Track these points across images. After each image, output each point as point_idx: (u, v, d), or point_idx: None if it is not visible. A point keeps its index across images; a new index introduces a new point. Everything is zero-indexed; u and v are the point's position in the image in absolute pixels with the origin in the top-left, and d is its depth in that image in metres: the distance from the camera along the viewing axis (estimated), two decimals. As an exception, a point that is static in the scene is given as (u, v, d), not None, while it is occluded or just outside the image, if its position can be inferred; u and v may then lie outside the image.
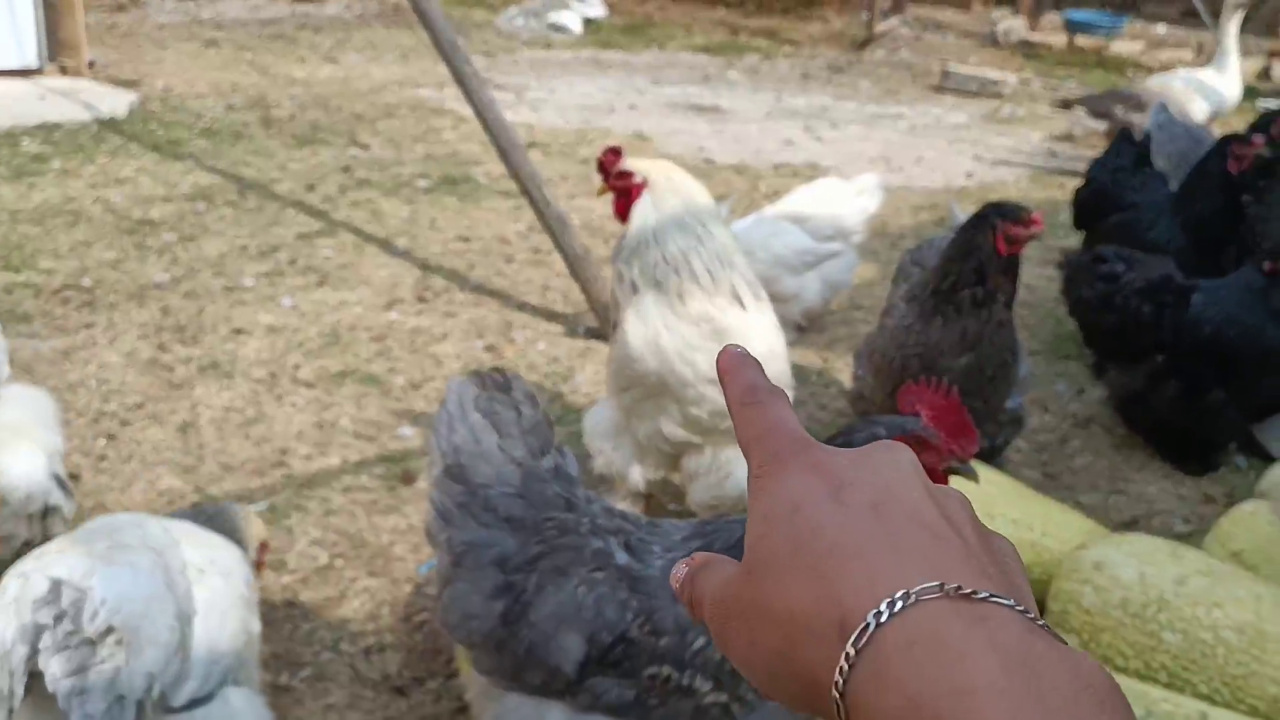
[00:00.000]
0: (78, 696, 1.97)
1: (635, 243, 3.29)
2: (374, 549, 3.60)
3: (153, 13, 12.31)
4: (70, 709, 1.97)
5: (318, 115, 8.74)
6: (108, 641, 2.03)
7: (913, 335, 3.68)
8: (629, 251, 3.31)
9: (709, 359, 3.20)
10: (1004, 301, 3.52)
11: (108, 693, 2.00)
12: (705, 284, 3.25)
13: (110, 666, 2.02)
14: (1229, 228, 4.95)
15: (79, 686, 1.98)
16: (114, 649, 2.03)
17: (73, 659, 1.99)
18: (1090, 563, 3.04)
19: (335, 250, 6.04)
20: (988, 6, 16.46)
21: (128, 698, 2.04)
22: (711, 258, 3.27)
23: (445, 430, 2.48)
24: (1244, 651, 2.77)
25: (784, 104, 10.70)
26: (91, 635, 2.01)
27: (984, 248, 3.45)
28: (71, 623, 2.00)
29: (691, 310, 3.22)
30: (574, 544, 2.31)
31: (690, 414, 3.32)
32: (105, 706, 1.99)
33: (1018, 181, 8.52)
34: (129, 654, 2.04)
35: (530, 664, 2.25)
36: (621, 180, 3.35)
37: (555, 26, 13.25)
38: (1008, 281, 3.48)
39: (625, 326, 3.31)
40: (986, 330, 3.56)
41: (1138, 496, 4.20)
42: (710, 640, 2.15)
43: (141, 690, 2.07)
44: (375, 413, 4.43)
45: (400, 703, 2.99)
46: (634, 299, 3.29)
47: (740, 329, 3.23)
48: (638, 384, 3.34)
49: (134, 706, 2.06)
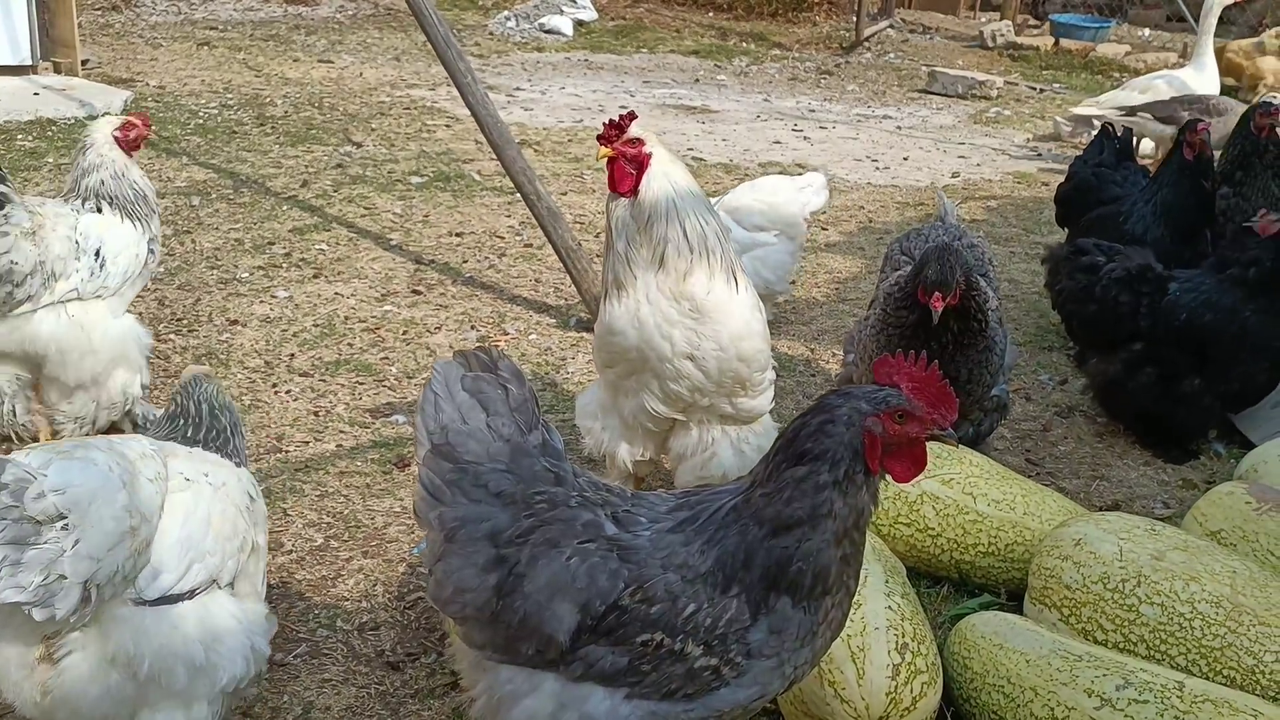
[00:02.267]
0: (9, 565, 2.09)
1: (657, 212, 3.26)
2: (368, 531, 3.66)
3: (146, 13, 12.36)
4: (0, 575, 2.08)
5: (311, 114, 8.79)
6: (55, 527, 2.15)
7: (883, 341, 3.76)
8: (646, 220, 3.27)
9: (684, 334, 3.28)
10: (955, 329, 3.64)
11: (45, 570, 2.12)
12: (712, 261, 3.30)
13: (54, 548, 2.13)
14: (1198, 213, 5.04)
15: (14, 557, 2.09)
16: (60, 534, 2.15)
17: (9, 530, 2.10)
18: (1070, 540, 3.11)
19: (330, 244, 6.10)
20: (974, 10, 16.60)
21: (70, 579, 2.14)
22: (719, 235, 3.34)
23: (432, 410, 2.51)
24: (1220, 624, 2.84)
25: (772, 105, 10.79)
26: (36, 515, 2.12)
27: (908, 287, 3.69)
28: (12, 498, 2.10)
29: (687, 287, 3.27)
30: (564, 516, 2.36)
31: (670, 389, 3.38)
32: (40, 580, 2.11)
33: (1002, 180, 8.61)
34: (75, 538, 2.15)
35: (524, 635, 2.30)
36: (632, 147, 3.30)
37: (547, 29, 13.33)
38: (929, 321, 3.59)
39: (608, 301, 3.37)
40: (946, 353, 3.62)
41: (1119, 482, 4.28)
42: (700, 606, 2.21)
43: (85, 572, 2.16)
44: (370, 401, 4.49)
45: (394, 677, 3.05)
46: (627, 272, 3.32)
47: (723, 306, 3.30)
48: (620, 359, 3.39)
49: (79, 589, 2.16)
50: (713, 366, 3.33)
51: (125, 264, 3.94)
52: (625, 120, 3.34)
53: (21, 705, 2.36)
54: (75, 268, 3.84)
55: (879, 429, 2.13)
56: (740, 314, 3.34)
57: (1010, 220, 7.53)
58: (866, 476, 2.14)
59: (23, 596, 2.10)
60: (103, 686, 2.32)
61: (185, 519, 2.44)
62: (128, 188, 3.99)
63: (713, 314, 3.29)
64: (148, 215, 4.04)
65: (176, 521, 2.42)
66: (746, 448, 3.52)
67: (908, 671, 2.76)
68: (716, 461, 3.49)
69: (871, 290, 4.72)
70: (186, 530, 2.43)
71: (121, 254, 3.94)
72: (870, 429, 2.12)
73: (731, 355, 3.33)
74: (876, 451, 2.12)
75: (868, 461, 2.13)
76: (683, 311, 3.28)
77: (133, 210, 3.99)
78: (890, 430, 2.13)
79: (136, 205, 4.01)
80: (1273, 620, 2.80)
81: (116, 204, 3.98)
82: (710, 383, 3.36)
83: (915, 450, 2.15)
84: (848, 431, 2.12)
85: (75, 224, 3.89)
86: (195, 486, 2.53)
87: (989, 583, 3.48)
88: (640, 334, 3.30)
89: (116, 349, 3.91)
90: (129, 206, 3.99)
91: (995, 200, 7.95)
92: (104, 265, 3.88)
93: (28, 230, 3.77)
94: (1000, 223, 7.42)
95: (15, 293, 3.74)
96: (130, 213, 3.99)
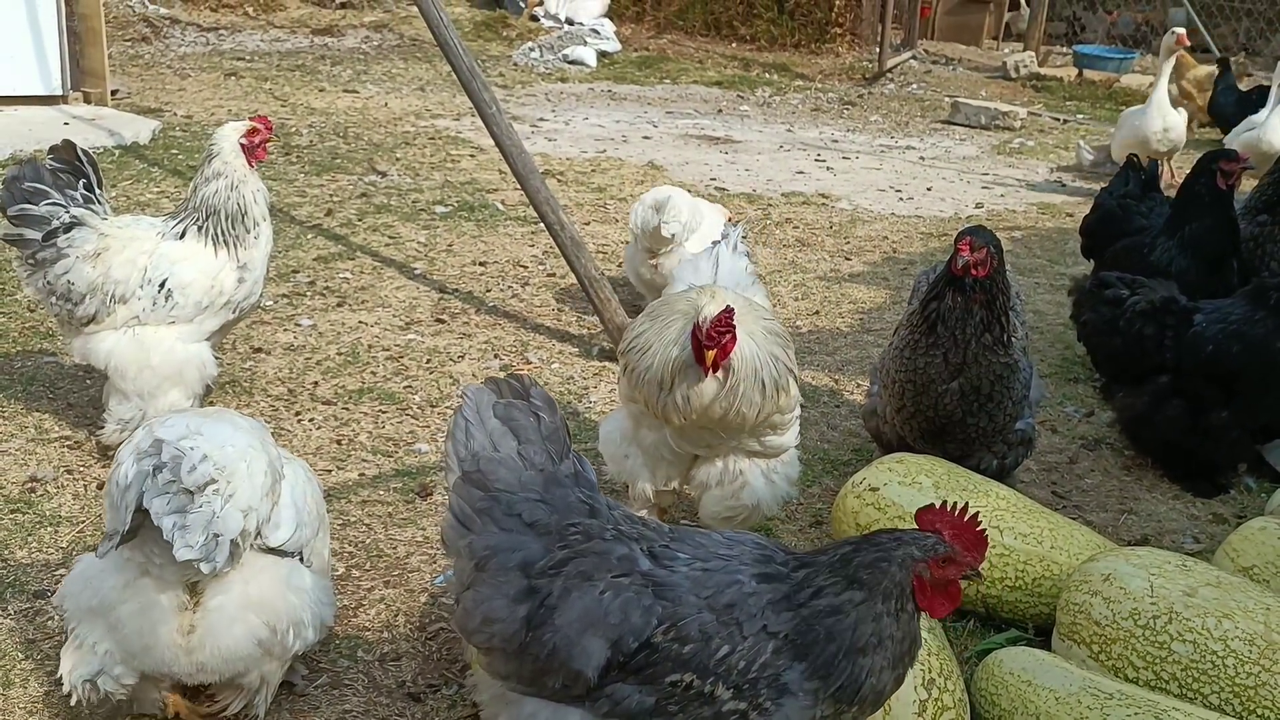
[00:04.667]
0: (180, 530, 2.42)
1: (739, 377, 3.23)
2: (390, 560, 3.65)
3: (175, 44, 12.50)
4: (173, 540, 2.41)
5: (336, 143, 8.86)
6: (206, 491, 2.48)
7: (905, 363, 3.79)
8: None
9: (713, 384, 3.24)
10: (979, 320, 3.67)
11: (206, 529, 2.46)
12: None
13: (208, 509, 2.47)
14: (1225, 243, 5.01)
15: (180, 523, 2.43)
16: (211, 497, 2.48)
17: (173, 502, 2.44)
18: (1100, 575, 3.07)
19: (354, 273, 6.12)
20: (997, 41, 16.61)
21: (223, 536, 2.48)
22: (776, 359, 3.33)
23: (463, 436, 2.50)
24: (1254, 662, 2.79)
25: (795, 136, 10.81)
26: (190, 487, 2.45)
27: (941, 270, 3.80)
28: (171, 474, 2.44)
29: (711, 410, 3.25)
30: (599, 549, 2.33)
31: (691, 433, 3.37)
32: (204, 539, 2.44)
33: (1026, 211, 8.58)
34: (225, 498, 2.50)
35: (551, 668, 2.27)
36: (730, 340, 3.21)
37: (570, 60, 13.41)
38: (957, 295, 3.67)
39: (636, 333, 3.36)
40: (970, 353, 3.67)
41: (1148, 516, 4.23)
42: (733, 648, 2.19)
43: (237, 528, 2.51)
44: (393, 429, 4.49)
45: (415, 709, 3.02)
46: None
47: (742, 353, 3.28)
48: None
49: (228, 545, 2.49)
50: (743, 422, 3.32)
51: (198, 295, 3.99)
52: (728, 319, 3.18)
53: (160, 651, 2.63)
54: (138, 295, 3.92)
55: (927, 575, 2.25)
56: (787, 390, 3.35)
57: (1035, 251, 7.50)
58: (915, 611, 2.27)
59: (194, 554, 2.44)
60: (245, 627, 2.64)
61: (292, 487, 2.80)
62: (235, 202, 4.02)
63: (749, 413, 3.29)
64: (241, 238, 4.03)
65: (287, 487, 2.78)
66: (776, 478, 3.51)
67: (935, 707, 2.72)
68: (749, 491, 3.47)
69: (895, 321, 4.70)
70: (293, 496, 2.78)
71: (192, 285, 3.97)
72: (920, 574, 2.25)
73: (769, 413, 3.33)
74: (926, 592, 2.26)
75: (917, 600, 2.26)
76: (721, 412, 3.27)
77: (224, 235, 4.01)
78: (936, 574, 2.26)
79: (232, 226, 4.01)
80: (1308, 659, 2.75)
81: (208, 228, 4.00)
82: (740, 431, 3.36)
83: (951, 589, 2.30)
84: (900, 572, 2.24)
85: (150, 250, 3.96)
86: (295, 465, 2.92)
87: (1016, 618, 3.43)
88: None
89: (173, 370, 4.00)
90: (222, 229, 4.01)
91: (1019, 231, 7.92)
92: (169, 296, 3.94)
93: (89, 253, 3.90)
94: (1025, 254, 7.39)
95: (75, 310, 3.91)
96: (221, 239, 4.01)
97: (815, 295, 6.33)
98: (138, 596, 2.61)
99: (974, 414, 3.78)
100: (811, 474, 4.29)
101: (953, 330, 3.69)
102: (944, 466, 3.62)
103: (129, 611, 2.61)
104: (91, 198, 3.98)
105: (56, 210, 3.88)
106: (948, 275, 3.72)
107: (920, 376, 3.77)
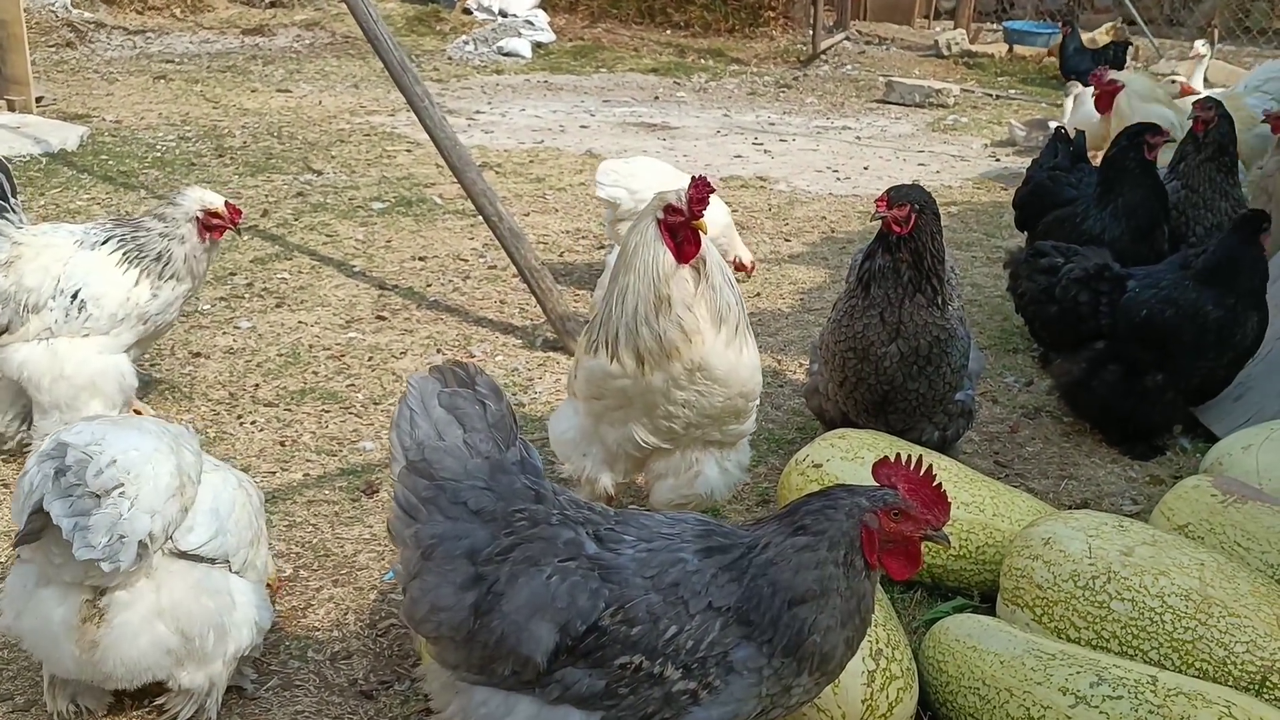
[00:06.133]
0: (80, 531, 2.43)
1: (714, 280, 3.23)
2: (338, 559, 3.63)
3: (101, 49, 12.28)
4: (73, 539, 2.42)
5: (271, 143, 8.75)
6: (112, 494, 2.48)
7: (844, 330, 3.84)
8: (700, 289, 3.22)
9: (690, 394, 3.27)
10: (907, 280, 3.74)
11: (109, 531, 2.45)
12: (727, 326, 3.28)
13: (114, 511, 2.47)
14: (1156, 211, 5.11)
15: (82, 524, 2.43)
16: (117, 500, 2.48)
17: (75, 505, 2.44)
18: (1040, 539, 3.12)
19: (292, 273, 6.06)
20: (929, 20, 16.77)
21: (129, 537, 2.48)
22: (739, 296, 3.35)
23: (408, 426, 2.48)
24: (1191, 617, 2.85)
25: (732, 120, 10.84)
26: (96, 490, 2.45)
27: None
28: (75, 476, 2.46)
29: (703, 357, 3.23)
30: (545, 534, 2.33)
31: (662, 425, 3.35)
32: (106, 540, 2.44)
33: (962, 187, 8.68)
34: (131, 500, 2.49)
35: (500, 655, 2.27)
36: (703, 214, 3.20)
37: (505, 52, 13.35)
38: (885, 254, 3.77)
39: (599, 358, 3.30)
40: (905, 313, 3.74)
41: (1087, 481, 4.31)
42: (681, 628, 2.20)
43: (144, 530, 2.50)
44: (336, 429, 4.45)
45: (368, 707, 3.01)
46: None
47: (734, 370, 3.29)
48: (612, 394, 3.34)
49: (134, 546, 2.48)
50: (715, 411, 3.34)
51: (112, 307, 3.93)
52: (705, 190, 3.20)
53: (60, 662, 2.65)
54: (50, 305, 3.86)
55: (875, 524, 2.22)
56: (747, 364, 3.35)
57: (971, 225, 7.59)
58: (866, 568, 2.23)
59: (95, 554, 2.43)
60: (151, 637, 2.64)
61: (215, 495, 2.80)
62: (165, 251, 4.00)
63: (723, 379, 3.29)
64: (161, 275, 4.01)
65: (208, 494, 2.78)
66: (729, 464, 3.52)
67: (883, 677, 2.76)
68: (703, 480, 3.48)
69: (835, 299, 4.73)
70: (215, 504, 2.78)
71: (106, 298, 3.91)
72: (867, 524, 2.21)
73: (735, 399, 3.36)
74: (874, 545, 2.22)
75: (865, 554, 2.21)
76: (692, 379, 3.26)
77: (145, 267, 3.97)
78: (886, 527, 2.22)
79: (155, 262, 3.99)
80: (1242, 611, 2.82)
81: (132, 253, 3.96)
82: (708, 419, 3.37)
83: (910, 548, 2.27)
84: (846, 521, 2.21)
85: (66, 258, 3.89)
86: (223, 472, 2.92)
87: (962, 586, 3.49)
88: (642, 392, 3.28)
89: (88, 381, 3.94)
90: (145, 263, 3.97)
91: (956, 206, 8.01)
92: (83, 308, 3.87)
93: (2, 261, 3.82)
94: (961, 228, 7.47)
95: None
96: (141, 268, 3.97)
97: (756, 277, 6.36)
98: (40, 607, 2.61)
99: (914, 378, 3.82)
100: (757, 454, 4.31)
101: (886, 291, 3.75)
102: (886, 440, 3.66)
103: (31, 624, 2.63)
104: (5, 206, 3.90)
105: None
106: (878, 234, 3.80)
107: (860, 341, 3.81)
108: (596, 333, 3.33)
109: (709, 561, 2.26)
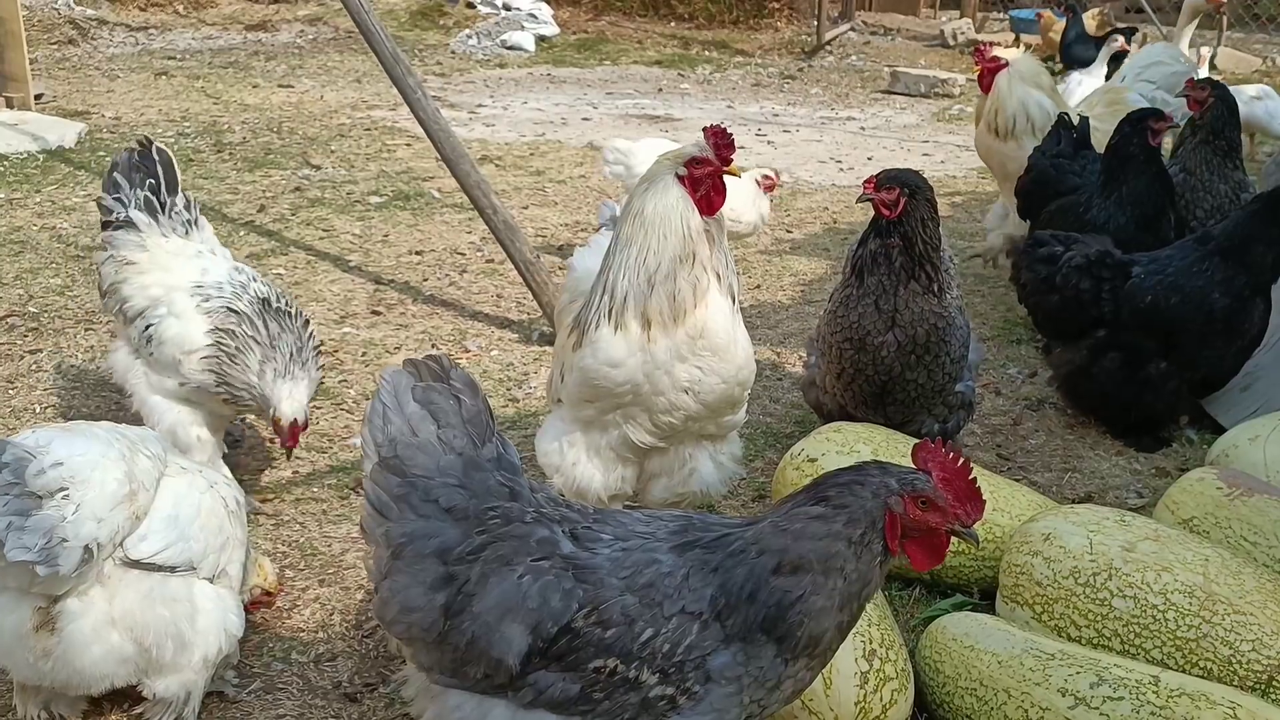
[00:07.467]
0: (15, 531, 2.34)
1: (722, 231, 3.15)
2: (325, 558, 3.56)
3: (103, 46, 12.24)
4: (5, 539, 2.34)
5: (270, 139, 8.70)
6: (56, 497, 2.40)
7: (840, 320, 3.77)
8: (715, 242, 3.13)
9: (690, 371, 3.12)
10: (899, 267, 3.66)
11: (48, 534, 2.37)
12: (724, 287, 3.17)
13: (55, 514, 2.39)
14: (1163, 197, 5.01)
15: (19, 524, 2.35)
16: (61, 503, 2.40)
17: (12, 505, 2.36)
18: (1040, 534, 3.04)
19: (287, 269, 6.00)
20: (934, 9, 16.65)
21: (72, 542, 2.39)
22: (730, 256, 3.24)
23: (380, 422, 2.41)
24: (1194, 614, 2.77)
25: (736, 111, 10.76)
26: (37, 491, 2.38)
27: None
28: (13, 475, 2.37)
29: (704, 321, 3.09)
30: (518, 533, 2.25)
31: (661, 420, 3.22)
32: (44, 543, 2.36)
33: (966, 176, 8.59)
34: (76, 505, 2.41)
35: (471, 657, 2.19)
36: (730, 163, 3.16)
37: (509, 45, 13.29)
38: (876, 239, 3.70)
39: (597, 330, 3.14)
40: (900, 300, 3.66)
41: (1091, 473, 4.22)
42: (657, 631, 2.12)
43: (89, 535, 2.42)
44: (327, 425, 4.39)
45: (352, 710, 2.94)
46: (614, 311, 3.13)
47: (733, 341, 3.15)
48: (606, 394, 3.19)
49: (79, 551, 2.41)
50: (713, 398, 3.19)
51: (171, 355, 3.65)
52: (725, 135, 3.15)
53: (19, 669, 2.60)
54: (136, 324, 3.71)
55: (900, 509, 2.10)
56: (743, 343, 3.21)
57: (975, 216, 7.49)
58: (884, 552, 2.11)
59: (28, 556, 2.35)
60: (104, 647, 2.56)
61: (176, 500, 2.69)
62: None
63: (722, 350, 3.14)
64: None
65: (169, 500, 2.68)
66: (723, 458, 3.41)
67: (876, 679, 2.68)
68: (697, 477, 3.36)
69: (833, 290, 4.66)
70: (176, 510, 2.68)
71: (169, 344, 3.62)
72: (892, 507, 2.10)
73: (733, 385, 3.21)
74: (896, 530, 2.10)
75: (887, 538, 2.10)
76: (694, 349, 3.11)
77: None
78: (911, 514, 2.11)
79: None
80: (1248, 608, 2.73)
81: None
82: (706, 410, 3.22)
83: (935, 540, 2.15)
84: (872, 500, 2.09)
85: (172, 284, 3.69)
86: (189, 476, 2.81)
87: (961, 582, 3.41)
88: (644, 368, 3.12)
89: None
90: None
91: (960, 196, 7.92)
92: (149, 341, 3.64)
93: (124, 260, 3.74)
94: (965, 218, 7.38)
95: (108, 305, 3.84)
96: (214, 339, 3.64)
97: (756, 269, 6.28)
98: None
99: (912, 368, 3.74)
100: (754, 448, 4.24)
101: (880, 278, 3.67)
102: (883, 434, 3.59)
103: None
104: (155, 203, 3.80)
105: (117, 206, 3.80)
106: (871, 220, 3.72)
107: (856, 331, 3.73)
108: (592, 313, 3.16)
109: (682, 560, 2.18)
